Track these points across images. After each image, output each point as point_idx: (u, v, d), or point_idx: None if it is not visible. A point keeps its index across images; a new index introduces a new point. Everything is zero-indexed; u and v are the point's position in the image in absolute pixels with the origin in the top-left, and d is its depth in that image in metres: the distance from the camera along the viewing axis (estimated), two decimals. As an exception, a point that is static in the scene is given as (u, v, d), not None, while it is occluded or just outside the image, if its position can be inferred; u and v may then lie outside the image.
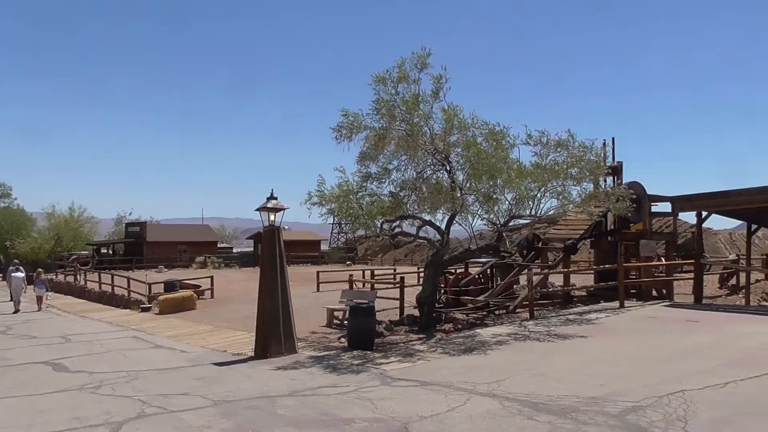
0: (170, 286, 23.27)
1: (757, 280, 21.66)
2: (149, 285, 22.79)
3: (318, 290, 24.67)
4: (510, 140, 13.87)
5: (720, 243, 54.60)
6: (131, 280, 24.24)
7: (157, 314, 19.79)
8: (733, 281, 22.09)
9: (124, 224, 58.14)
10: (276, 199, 12.19)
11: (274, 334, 11.43)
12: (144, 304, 21.68)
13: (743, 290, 19.76)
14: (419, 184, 14.01)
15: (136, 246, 51.09)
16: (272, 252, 11.88)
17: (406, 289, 17.02)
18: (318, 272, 27.39)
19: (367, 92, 13.49)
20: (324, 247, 65.72)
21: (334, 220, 52.16)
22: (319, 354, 11.56)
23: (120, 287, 24.67)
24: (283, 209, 12.21)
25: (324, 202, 13.37)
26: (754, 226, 21.09)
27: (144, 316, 19.68)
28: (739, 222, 21.81)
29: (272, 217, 12.11)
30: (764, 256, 23.74)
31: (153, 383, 9.26)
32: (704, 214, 17.67)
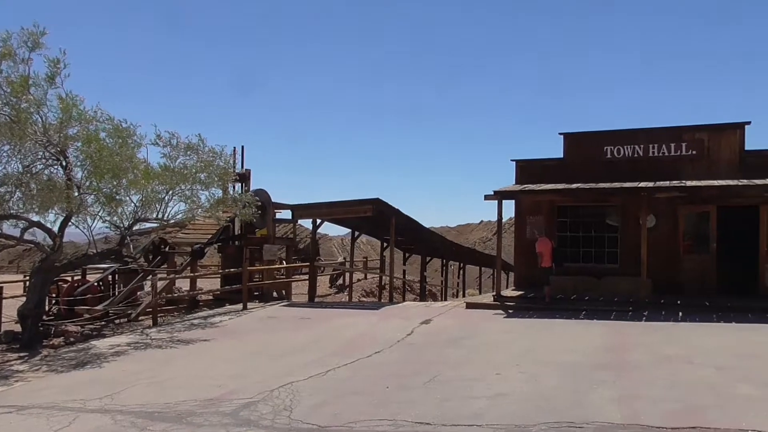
0: None
1: (359, 279, 25.30)
2: None
3: None
4: (138, 139, 13.27)
5: (334, 247, 61.99)
6: None
7: None
8: (340, 281, 25.30)
9: None
10: None
11: None
12: None
13: (348, 288, 22.84)
14: (26, 180, 12.23)
15: None
16: None
17: (6, 301, 14.64)
18: None
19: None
20: None
21: None
22: None
23: None
24: None
25: None
26: (357, 233, 24.58)
27: None
28: (349, 229, 25.13)
29: None
30: (364, 259, 27.88)
31: None
32: (319, 221, 19.77)
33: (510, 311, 14.81)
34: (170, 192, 13.76)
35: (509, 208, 17.77)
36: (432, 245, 25.61)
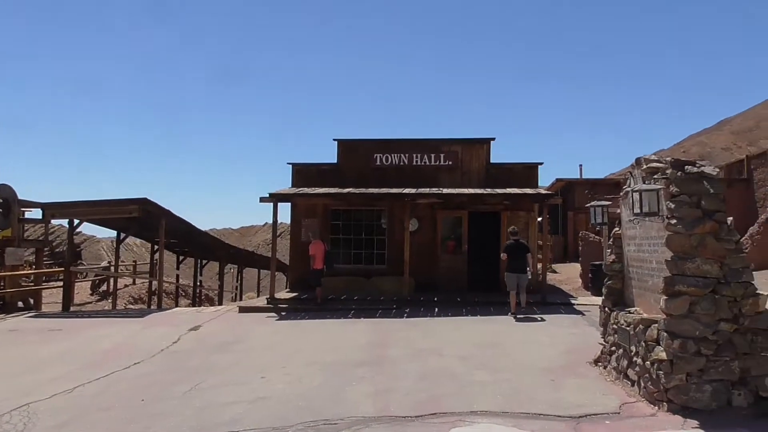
0: None
1: (126, 285, 23.46)
2: None
3: None
4: None
5: (103, 250, 56.54)
6: None
7: None
8: (104, 287, 23.21)
9: None
10: None
11: None
12: None
13: (113, 295, 21.02)
14: None
15: None
16: None
17: None
18: None
19: None
20: None
21: None
22: None
23: None
24: None
25: None
26: (123, 235, 22.74)
27: None
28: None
29: None
30: (133, 263, 25.94)
31: None
32: (77, 221, 17.92)
33: (283, 313, 14.92)
34: None
35: (289, 210, 17.96)
36: (207, 248, 24.76)
